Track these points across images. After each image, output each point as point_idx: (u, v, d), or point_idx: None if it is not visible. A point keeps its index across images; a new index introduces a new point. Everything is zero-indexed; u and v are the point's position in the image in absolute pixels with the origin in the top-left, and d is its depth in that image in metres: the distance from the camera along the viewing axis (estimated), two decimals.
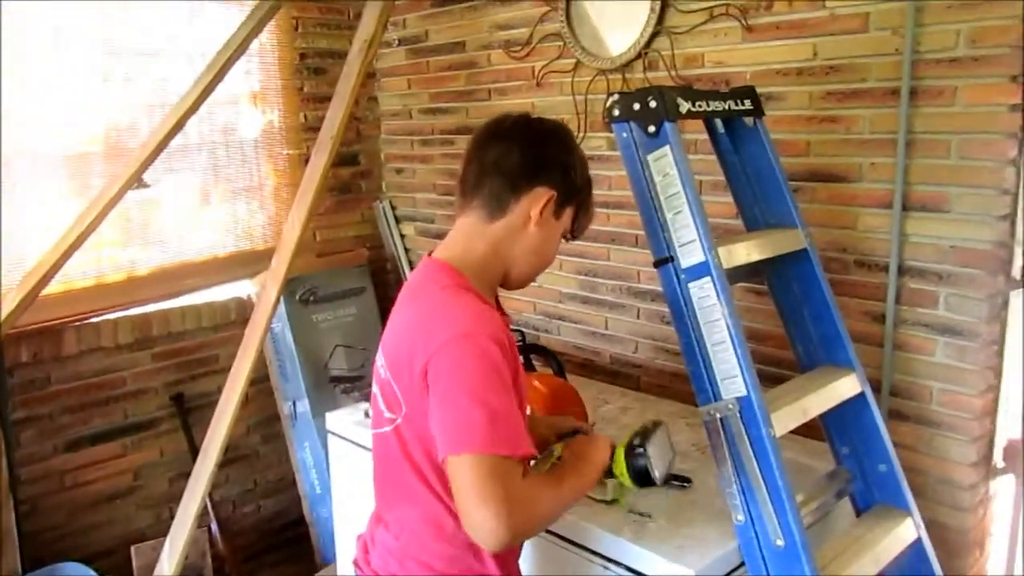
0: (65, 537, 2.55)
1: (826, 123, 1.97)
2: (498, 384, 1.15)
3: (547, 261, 1.39)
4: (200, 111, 2.51)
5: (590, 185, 1.40)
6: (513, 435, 1.14)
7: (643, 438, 1.40)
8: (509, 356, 1.20)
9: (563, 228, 1.37)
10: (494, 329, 1.19)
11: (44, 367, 2.47)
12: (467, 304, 1.22)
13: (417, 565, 1.29)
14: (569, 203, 1.35)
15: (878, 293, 1.93)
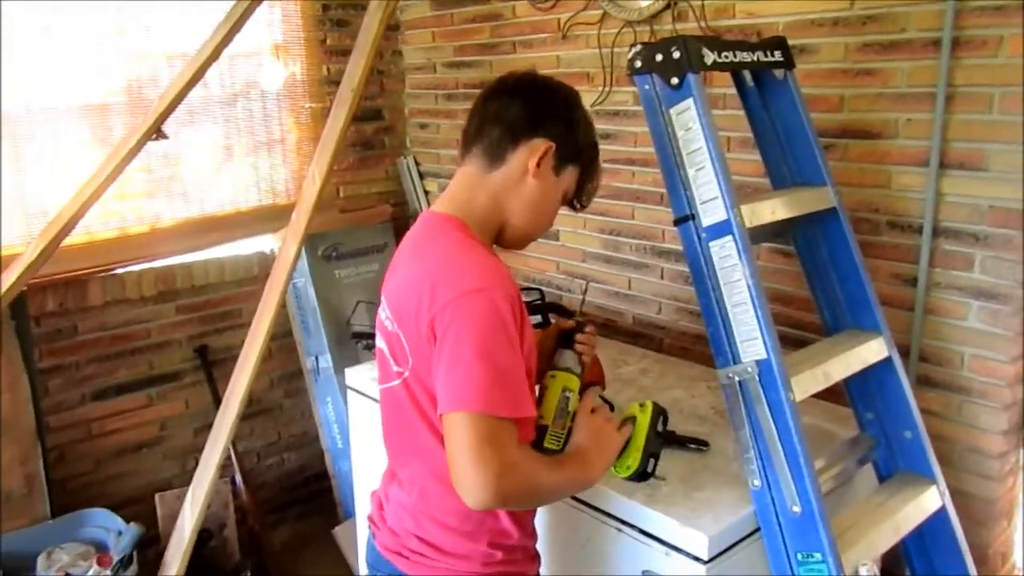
0: (92, 485, 2.61)
1: (861, 77, 1.88)
2: (505, 343, 1.13)
3: (545, 220, 1.34)
4: (222, 63, 2.49)
5: (595, 148, 1.36)
6: (515, 396, 1.13)
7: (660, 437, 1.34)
8: (518, 313, 1.18)
9: (564, 189, 1.32)
10: (506, 285, 1.16)
11: (71, 317, 2.50)
12: (478, 258, 1.19)
13: (431, 522, 1.29)
14: (570, 161, 1.31)
15: (910, 255, 1.87)
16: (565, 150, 1.28)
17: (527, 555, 1.36)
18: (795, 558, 1.39)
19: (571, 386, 1.33)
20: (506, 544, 1.28)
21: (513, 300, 1.16)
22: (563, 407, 1.30)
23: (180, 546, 2.13)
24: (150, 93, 2.53)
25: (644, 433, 1.32)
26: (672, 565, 1.43)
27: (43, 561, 2.15)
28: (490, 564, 1.27)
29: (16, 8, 2.25)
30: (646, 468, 1.32)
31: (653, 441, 1.32)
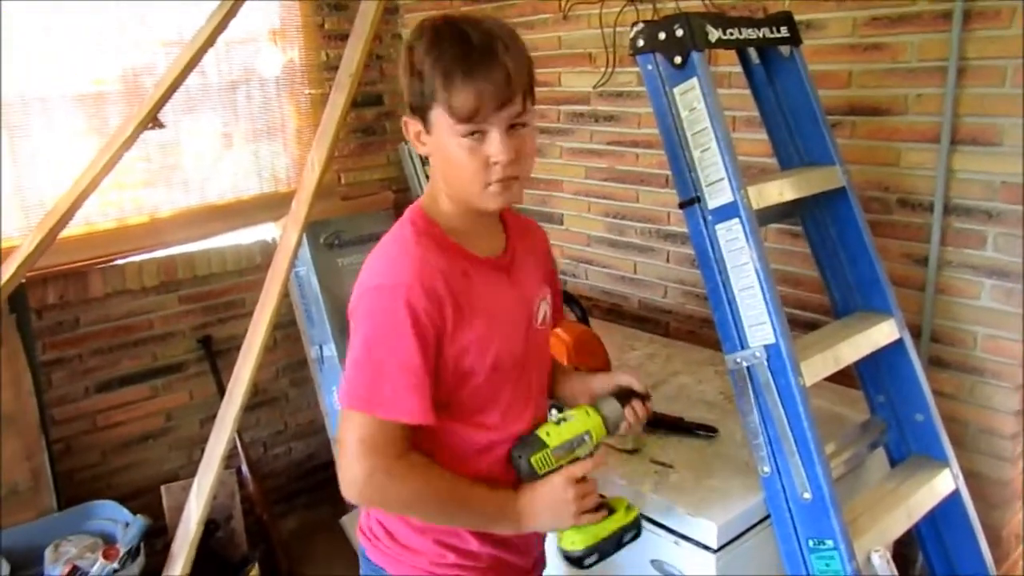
0: (98, 477, 2.61)
1: (870, 52, 1.84)
2: (395, 342, 1.08)
3: (466, 175, 1.11)
4: (219, 50, 2.46)
5: (431, 69, 1.08)
6: (394, 398, 1.08)
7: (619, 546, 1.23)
8: (431, 310, 1.09)
9: (447, 132, 1.09)
10: (412, 280, 1.08)
11: (72, 309, 2.48)
12: (391, 252, 1.14)
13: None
14: (425, 108, 1.10)
15: (920, 234, 1.83)
16: (414, 106, 1.12)
17: (491, 564, 1.24)
18: (806, 545, 1.37)
19: (594, 434, 1.24)
20: (460, 548, 1.22)
21: (418, 297, 1.08)
22: (571, 445, 1.21)
23: (187, 537, 2.12)
24: (146, 81, 2.50)
25: (610, 531, 1.21)
26: (681, 554, 1.42)
27: (50, 553, 2.14)
28: (441, 564, 1.22)
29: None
30: (584, 558, 1.21)
31: (611, 542, 1.22)
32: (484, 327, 1.15)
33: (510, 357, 1.19)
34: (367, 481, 1.10)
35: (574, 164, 2.60)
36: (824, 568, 1.35)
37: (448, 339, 1.11)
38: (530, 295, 1.26)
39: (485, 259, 1.19)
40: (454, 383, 1.15)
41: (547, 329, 1.33)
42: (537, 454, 1.18)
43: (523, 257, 1.27)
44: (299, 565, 2.76)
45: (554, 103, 2.60)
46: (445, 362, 1.12)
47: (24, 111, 2.34)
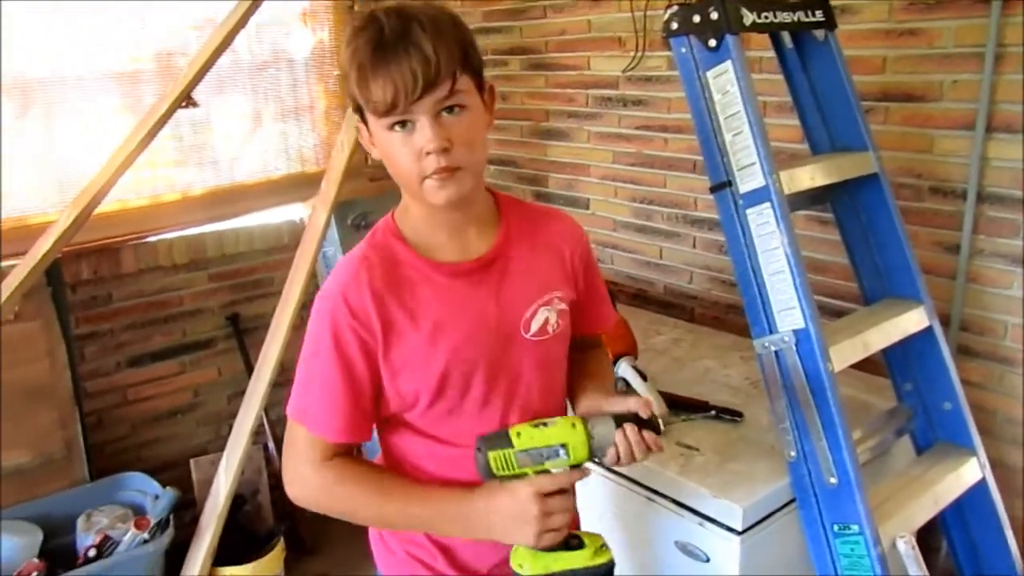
0: (129, 449, 2.66)
1: (905, 37, 1.82)
2: (320, 353, 1.06)
3: (402, 168, 1.03)
4: (250, 31, 2.47)
5: (347, 65, 1.02)
6: (314, 410, 1.07)
7: None
8: (364, 323, 1.04)
9: (377, 126, 1.02)
10: (338, 296, 1.05)
11: (105, 284, 2.52)
12: (339, 265, 1.11)
13: None
14: (358, 108, 1.04)
15: (952, 222, 1.82)
16: (358, 109, 1.04)
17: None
18: (831, 530, 1.37)
19: (572, 451, 1.05)
20: (429, 564, 1.17)
21: (340, 313, 1.04)
22: (541, 455, 1.04)
23: (215, 511, 2.16)
24: (179, 61, 2.53)
25: (567, 567, 1.06)
26: (705, 536, 1.43)
27: (83, 523, 2.20)
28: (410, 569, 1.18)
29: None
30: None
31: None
32: (426, 342, 1.06)
33: (469, 369, 1.08)
34: (293, 487, 1.10)
35: (601, 149, 2.60)
36: (848, 552, 1.36)
37: (380, 356, 1.06)
38: (518, 301, 1.12)
39: (446, 264, 1.09)
40: (398, 400, 1.09)
41: (551, 340, 1.16)
42: (497, 451, 1.03)
43: (522, 257, 1.14)
44: (323, 539, 2.81)
45: (582, 87, 2.60)
46: (383, 379, 1.07)
47: (62, 89, 2.37)
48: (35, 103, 2.35)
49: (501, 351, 1.11)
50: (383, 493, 1.10)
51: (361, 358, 1.05)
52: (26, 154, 2.37)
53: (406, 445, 1.14)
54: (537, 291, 1.14)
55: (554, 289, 1.16)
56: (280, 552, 2.40)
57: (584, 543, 1.08)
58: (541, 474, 1.04)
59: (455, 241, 1.10)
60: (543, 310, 1.14)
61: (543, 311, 1.14)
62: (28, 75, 2.32)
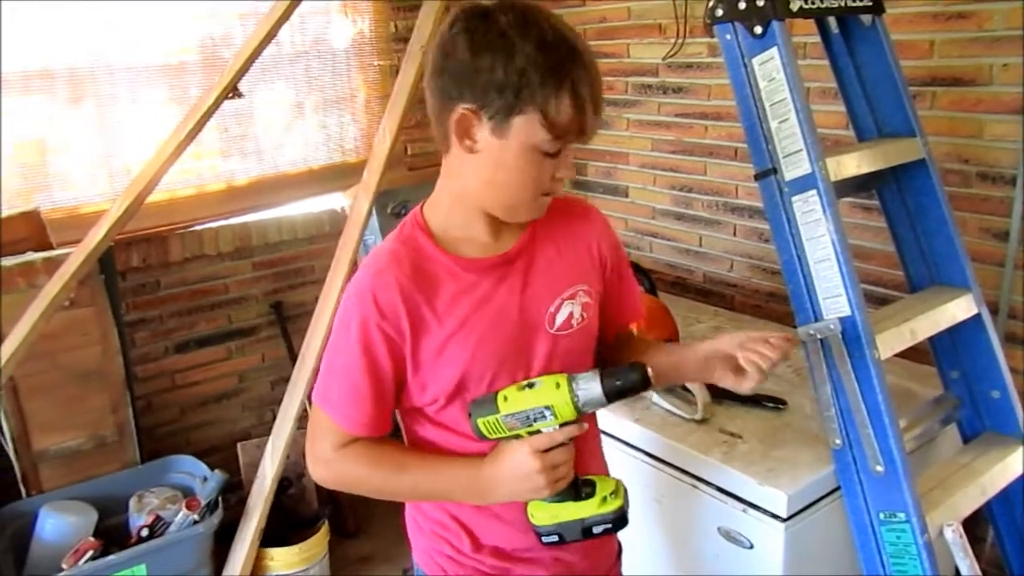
0: (177, 433, 2.73)
1: (954, 20, 1.79)
2: (346, 345, 1.08)
3: (519, 189, 1.04)
4: (292, 21, 2.50)
5: (538, 72, 0.96)
6: (338, 399, 1.10)
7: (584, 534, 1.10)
8: (392, 319, 1.04)
9: (525, 143, 0.99)
10: (367, 293, 1.06)
11: (153, 272, 2.59)
12: (368, 260, 1.11)
13: None
14: (511, 112, 0.98)
15: (1001, 208, 1.79)
16: (495, 104, 0.98)
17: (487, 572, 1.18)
18: (877, 518, 1.37)
19: (557, 411, 1.05)
20: (454, 544, 1.18)
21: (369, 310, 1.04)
22: (528, 417, 1.05)
23: (262, 493, 2.21)
24: (224, 52, 2.57)
25: (573, 517, 1.09)
26: (749, 523, 1.43)
27: (135, 503, 2.26)
28: (440, 553, 1.20)
29: None
30: (542, 536, 1.10)
31: (574, 529, 1.09)
32: (451, 337, 1.07)
33: (491, 364, 1.09)
34: (315, 467, 1.14)
35: (640, 136, 2.59)
36: (895, 541, 1.36)
37: (407, 353, 1.07)
38: (543, 295, 1.12)
39: (472, 260, 1.09)
40: (421, 395, 1.11)
41: (576, 333, 1.15)
42: (486, 417, 1.06)
43: (547, 251, 1.14)
44: (365, 523, 2.86)
45: (622, 75, 2.59)
46: (407, 374, 1.09)
47: (111, 80, 2.43)
48: (86, 95, 2.41)
49: (525, 346, 1.11)
50: (399, 470, 1.13)
51: (387, 356, 1.07)
52: (78, 145, 2.43)
53: (426, 435, 1.15)
54: (561, 285, 1.14)
55: (579, 283, 1.16)
56: (325, 534, 2.45)
57: (595, 491, 1.10)
58: (533, 434, 1.06)
59: (486, 237, 1.10)
60: (567, 304, 1.14)
61: (567, 305, 1.14)
62: (79, 67, 2.38)
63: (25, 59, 2.29)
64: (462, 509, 1.16)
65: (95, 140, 2.45)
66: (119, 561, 2.03)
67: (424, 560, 1.23)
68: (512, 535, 1.16)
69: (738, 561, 1.47)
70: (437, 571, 1.21)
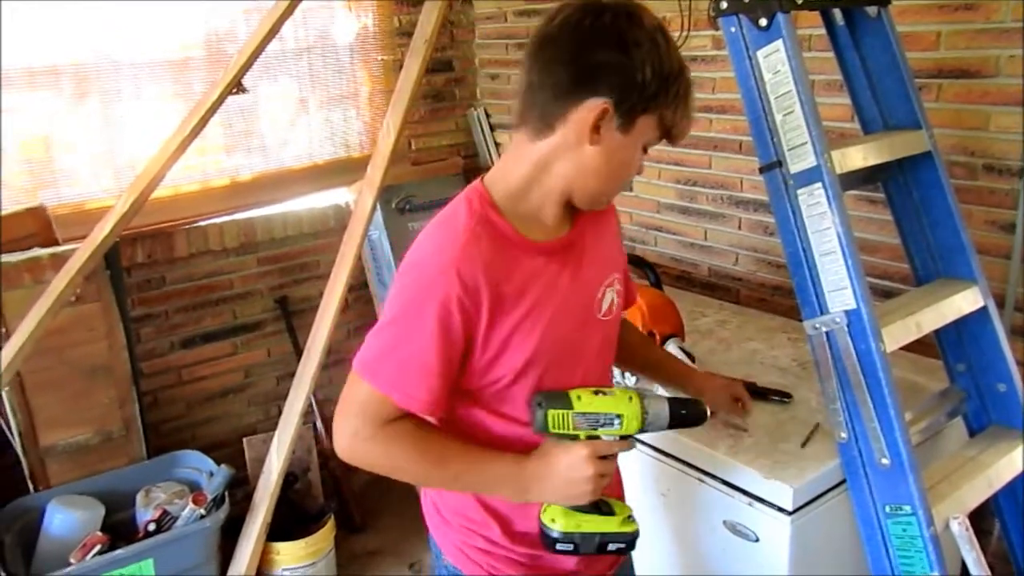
0: (184, 428, 2.74)
1: (960, 12, 1.78)
2: (417, 324, 1.03)
3: (617, 182, 1.13)
4: (295, 16, 2.50)
5: (675, 80, 1.06)
6: (398, 378, 1.05)
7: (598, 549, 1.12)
8: (473, 296, 1.03)
9: (640, 141, 1.08)
10: (448, 266, 1.02)
11: (159, 268, 2.60)
12: (441, 232, 1.09)
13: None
14: (640, 111, 1.05)
15: (1008, 200, 1.78)
16: (630, 102, 1.04)
17: (527, 561, 1.20)
18: (883, 511, 1.37)
19: (626, 423, 1.10)
20: (487, 536, 1.19)
21: (452, 285, 1.02)
22: (597, 421, 1.09)
23: (268, 488, 2.22)
24: (228, 47, 2.57)
25: (597, 530, 1.11)
26: (755, 516, 1.43)
27: (141, 498, 2.27)
28: (470, 547, 1.20)
29: None
30: (558, 542, 1.10)
31: (592, 542, 1.11)
32: (523, 320, 1.07)
33: (551, 351, 1.10)
34: (350, 440, 1.08)
35: None
36: (900, 533, 1.36)
37: (480, 331, 1.05)
38: (593, 282, 1.17)
39: (538, 243, 1.10)
40: (481, 375, 1.09)
41: (613, 319, 1.22)
42: (558, 411, 1.07)
43: (591, 239, 1.17)
44: (371, 518, 2.87)
45: None
46: (473, 354, 1.07)
47: (116, 76, 2.43)
48: (91, 91, 2.42)
49: (582, 332, 1.15)
50: (443, 459, 1.11)
51: (461, 334, 1.04)
52: (83, 141, 2.44)
53: (470, 416, 1.13)
54: (603, 272, 1.19)
55: (613, 270, 1.21)
56: (331, 529, 2.46)
57: (614, 511, 1.13)
58: (591, 439, 1.08)
59: (548, 222, 1.13)
60: (608, 290, 1.19)
61: (608, 291, 1.19)
62: (84, 63, 2.39)
63: (31, 55, 2.30)
64: (494, 497, 1.17)
65: (100, 136, 2.46)
66: (126, 556, 2.04)
67: (455, 554, 1.22)
68: (520, 525, 1.17)
69: (744, 554, 1.47)
70: (471, 565, 1.20)
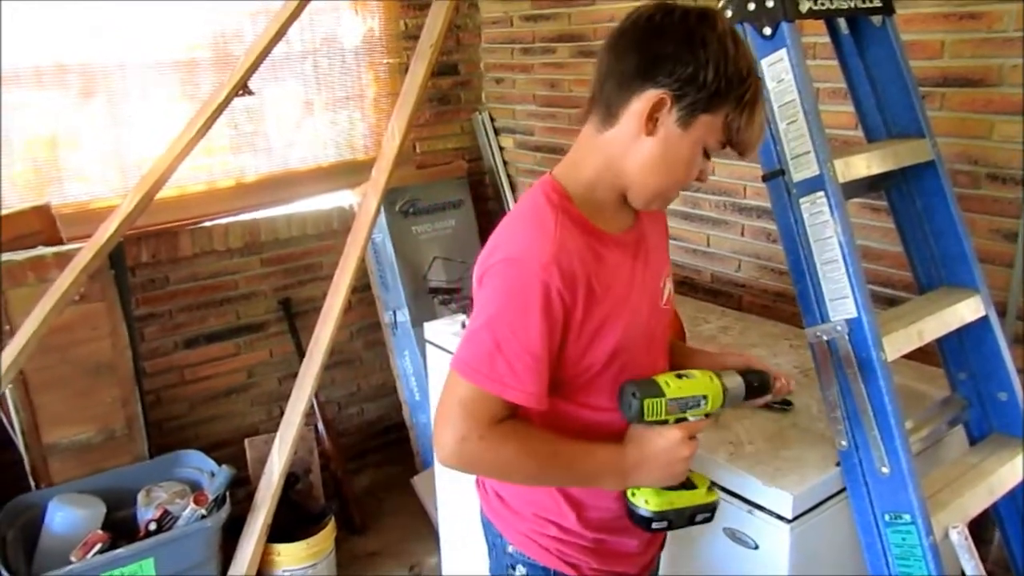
0: (186, 427, 2.75)
1: (965, 20, 1.78)
2: (520, 320, 1.06)
3: (673, 180, 1.13)
4: (302, 18, 2.51)
5: (744, 84, 1.07)
6: (505, 375, 1.06)
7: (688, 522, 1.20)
8: (564, 292, 1.06)
9: (701, 140, 1.10)
10: (550, 260, 1.05)
11: (163, 267, 2.61)
12: (529, 225, 1.11)
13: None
14: (702, 109, 1.07)
15: (1011, 209, 1.78)
16: (691, 97, 1.06)
17: (595, 546, 1.24)
18: (883, 519, 1.37)
19: (711, 401, 1.16)
20: (560, 524, 1.22)
21: (553, 277, 1.04)
22: (685, 404, 1.14)
23: (269, 488, 2.23)
24: (234, 49, 2.58)
25: (688, 504, 1.18)
26: (755, 524, 1.43)
27: (143, 497, 2.28)
28: (542, 535, 1.23)
29: None
30: (652, 521, 1.17)
31: (684, 516, 1.18)
32: (611, 310, 1.12)
33: (632, 339, 1.15)
34: (458, 445, 1.09)
35: None
36: (900, 542, 1.36)
37: (576, 322, 1.09)
38: (657, 272, 1.23)
39: (613, 236, 1.15)
40: (574, 364, 1.13)
41: (671, 309, 1.29)
42: (652, 399, 1.12)
43: (651, 233, 1.23)
44: (371, 520, 2.87)
45: None
46: (568, 344, 1.10)
47: (122, 77, 2.44)
48: (98, 90, 2.43)
49: (654, 320, 1.22)
50: (553, 453, 1.14)
51: (560, 325, 1.08)
52: (89, 140, 2.45)
53: (556, 408, 1.14)
54: (662, 263, 1.27)
55: (667, 262, 1.29)
56: (331, 530, 2.46)
57: (696, 484, 1.20)
58: (679, 421, 1.14)
59: (616, 215, 1.18)
60: (667, 280, 1.27)
61: (667, 281, 1.27)
62: (91, 63, 2.40)
63: (38, 54, 2.31)
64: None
65: (107, 135, 2.47)
66: (127, 554, 2.05)
67: (524, 543, 1.25)
68: (611, 504, 1.22)
69: (743, 562, 1.47)
70: (541, 552, 1.23)
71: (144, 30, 2.45)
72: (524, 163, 3.13)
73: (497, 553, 1.30)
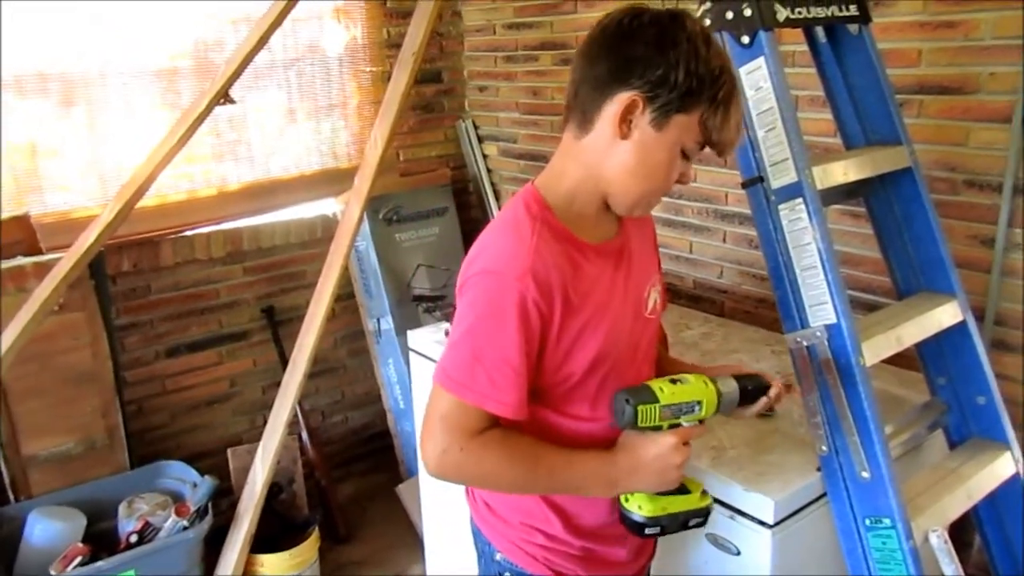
0: (168, 437, 2.73)
1: (942, 29, 1.81)
2: (497, 331, 1.06)
3: (653, 184, 1.12)
4: (284, 27, 2.51)
5: (712, 83, 1.06)
6: (486, 386, 1.07)
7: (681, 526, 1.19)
8: (541, 303, 1.06)
9: (678, 142, 1.09)
10: (525, 272, 1.05)
11: (144, 276, 2.59)
12: (509, 237, 1.11)
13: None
14: (675, 109, 1.06)
15: (989, 215, 1.80)
16: (663, 97, 1.05)
17: (582, 554, 1.24)
18: (863, 524, 1.38)
19: (705, 407, 1.15)
20: (547, 532, 1.23)
21: (529, 288, 1.05)
22: (679, 410, 1.14)
23: (252, 498, 2.21)
24: (215, 57, 2.58)
25: (681, 510, 1.18)
26: (737, 529, 1.44)
27: (124, 509, 2.26)
28: (529, 543, 1.23)
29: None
30: (645, 527, 1.17)
31: (677, 521, 1.18)
32: (590, 319, 1.12)
33: (614, 349, 1.16)
34: (440, 458, 1.10)
35: None
36: (880, 546, 1.37)
37: (554, 331, 1.09)
38: (641, 282, 1.22)
39: (594, 245, 1.15)
40: (552, 374, 1.13)
41: (656, 318, 1.28)
42: (646, 405, 1.11)
43: (635, 242, 1.23)
44: (356, 529, 2.86)
45: None
46: (546, 354, 1.10)
47: (103, 84, 2.43)
48: (79, 99, 2.42)
49: (637, 330, 1.21)
50: (536, 462, 1.13)
51: (538, 335, 1.08)
52: (70, 150, 2.43)
53: (536, 418, 1.15)
54: (647, 273, 1.25)
55: (654, 271, 1.28)
56: (315, 540, 2.45)
57: (689, 489, 1.19)
58: (673, 427, 1.13)
59: (598, 225, 1.18)
60: (652, 290, 1.26)
61: (652, 291, 1.26)
62: (71, 72, 2.38)
63: (18, 62, 2.29)
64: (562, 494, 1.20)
65: (87, 144, 2.46)
66: (108, 567, 2.03)
67: (511, 550, 1.25)
68: (599, 512, 1.22)
69: (726, 568, 1.47)
70: (528, 561, 1.24)
71: (125, 38, 2.44)
72: (508, 171, 3.14)
73: (486, 561, 1.30)
